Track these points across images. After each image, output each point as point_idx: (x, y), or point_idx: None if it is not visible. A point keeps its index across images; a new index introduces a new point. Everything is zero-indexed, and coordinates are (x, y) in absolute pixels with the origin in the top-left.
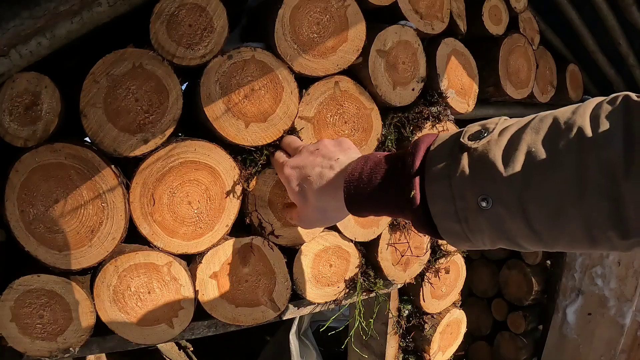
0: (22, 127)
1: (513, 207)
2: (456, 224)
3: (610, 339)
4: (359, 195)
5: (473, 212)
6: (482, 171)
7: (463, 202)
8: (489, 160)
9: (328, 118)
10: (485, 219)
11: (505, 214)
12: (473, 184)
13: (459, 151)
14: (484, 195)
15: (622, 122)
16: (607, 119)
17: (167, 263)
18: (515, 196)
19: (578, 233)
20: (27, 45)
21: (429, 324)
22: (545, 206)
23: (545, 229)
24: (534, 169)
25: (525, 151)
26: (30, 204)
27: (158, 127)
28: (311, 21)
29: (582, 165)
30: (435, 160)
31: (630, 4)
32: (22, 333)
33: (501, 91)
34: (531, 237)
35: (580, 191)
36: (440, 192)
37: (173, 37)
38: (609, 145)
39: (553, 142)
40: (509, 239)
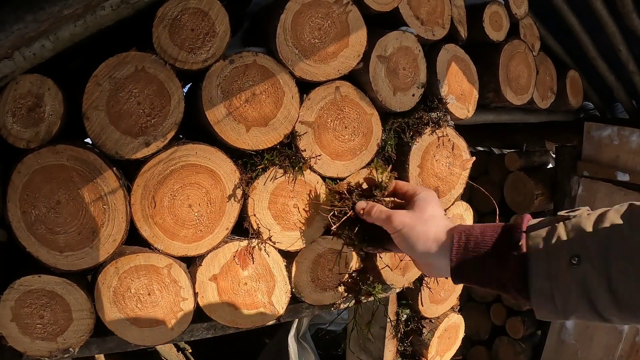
0: (25, 128)
1: (598, 265)
2: (546, 282)
3: (609, 344)
4: (466, 271)
5: (563, 270)
6: (575, 236)
7: (556, 261)
8: (581, 228)
9: (328, 123)
10: (573, 277)
11: (590, 272)
12: (567, 246)
13: (555, 222)
14: (575, 254)
15: None
16: None
17: (167, 265)
18: (600, 254)
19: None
20: (30, 47)
21: (427, 328)
22: (624, 264)
23: (623, 286)
24: (615, 235)
25: (610, 222)
26: (32, 205)
27: (160, 131)
28: (313, 26)
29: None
30: (536, 229)
31: (630, 10)
32: (23, 333)
33: (501, 97)
34: (608, 296)
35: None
36: (539, 254)
37: (175, 41)
38: None
39: (631, 216)
40: (591, 300)
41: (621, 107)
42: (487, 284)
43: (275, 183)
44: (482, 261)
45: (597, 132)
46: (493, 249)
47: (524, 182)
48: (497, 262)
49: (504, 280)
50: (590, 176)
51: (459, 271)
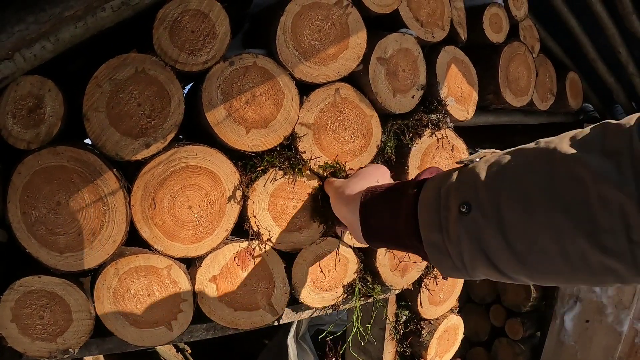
0: (25, 129)
1: (489, 212)
2: (438, 234)
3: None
4: (369, 214)
5: (453, 220)
6: (466, 182)
7: (446, 211)
8: (474, 172)
9: (328, 124)
10: (463, 226)
11: (481, 220)
12: (457, 192)
13: (453, 170)
14: (464, 201)
15: (597, 140)
16: (582, 137)
17: (167, 266)
18: (491, 199)
19: (550, 247)
20: (31, 48)
21: (427, 329)
22: (516, 209)
23: (518, 239)
24: (509, 176)
25: (504, 164)
26: (32, 206)
27: (160, 132)
28: (313, 28)
29: (552, 172)
30: (433, 180)
31: (630, 12)
32: (22, 333)
33: (501, 99)
34: (506, 252)
35: (549, 194)
36: (430, 203)
37: (176, 43)
38: (579, 158)
39: (530, 155)
40: (485, 255)
41: (621, 108)
42: (392, 239)
43: (275, 184)
44: (381, 211)
45: None
46: (390, 198)
47: None
48: (393, 211)
49: (400, 233)
50: None
51: (365, 224)
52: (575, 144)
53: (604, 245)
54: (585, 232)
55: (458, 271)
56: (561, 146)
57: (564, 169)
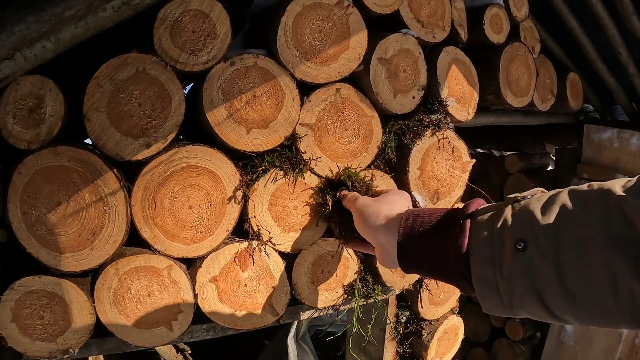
0: (25, 129)
1: (546, 250)
2: (490, 270)
3: (608, 346)
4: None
5: (508, 257)
6: (522, 220)
7: (500, 248)
8: (529, 210)
9: (329, 125)
10: (519, 263)
11: (538, 258)
12: (513, 230)
13: (504, 205)
14: (520, 239)
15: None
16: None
17: (168, 266)
18: (549, 239)
19: (603, 284)
20: (32, 48)
21: (427, 330)
22: (574, 249)
23: (573, 277)
24: (566, 218)
25: (561, 204)
26: (32, 206)
27: (160, 132)
28: (313, 29)
29: (608, 216)
30: (483, 212)
31: (630, 13)
32: (22, 333)
33: (501, 99)
34: (559, 289)
35: (606, 237)
36: (482, 239)
37: (176, 43)
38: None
39: (586, 197)
40: (538, 294)
41: (621, 109)
42: (433, 268)
43: (275, 185)
44: (426, 240)
45: (597, 135)
46: (437, 228)
47: (524, 185)
48: (441, 241)
49: (447, 263)
50: (590, 178)
51: (404, 251)
52: (626, 190)
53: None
54: (637, 273)
55: (502, 308)
56: (615, 189)
57: (619, 213)
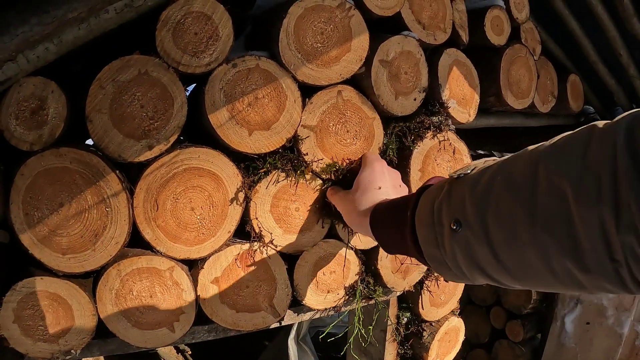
0: (28, 131)
1: (477, 230)
2: (436, 249)
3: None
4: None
5: (447, 237)
6: (455, 196)
7: (440, 227)
8: (463, 188)
9: (330, 127)
10: (456, 243)
11: (471, 237)
12: (448, 209)
13: (445, 182)
14: (455, 218)
15: (580, 150)
16: (567, 146)
17: (170, 268)
18: (478, 217)
19: (537, 263)
20: (34, 50)
21: (428, 331)
22: (502, 229)
23: (507, 257)
24: (495, 193)
25: (492, 178)
26: (35, 207)
27: (163, 134)
28: (315, 31)
29: (535, 190)
30: (428, 192)
31: (631, 15)
32: (24, 334)
33: (502, 101)
34: (498, 267)
35: (532, 215)
36: (424, 220)
37: (179, 45)
38: (563, 173)
39: (515, 168)
40: (481, 269)
41: (622, 111)
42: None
43: (277, 186)
44: (390, 232)
45: None
46: (393, 218)
47: None
48: (397, 230)
49: (408, 249)
50: None
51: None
52: (559, 151)
53: (587, 265)
54: (569, 252)
55: (460, 279)
56: (545, 156)
57: (547, 184)
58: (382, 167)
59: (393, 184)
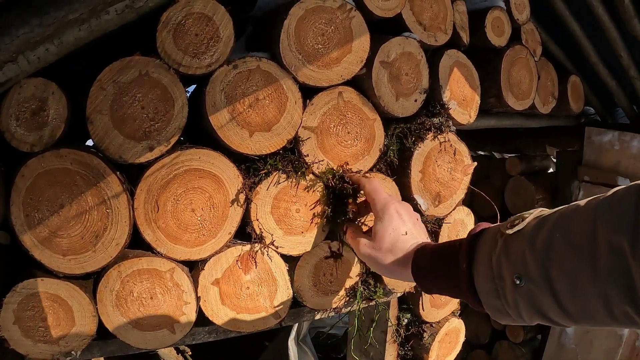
0: (28, 132)
1: (541, 285)
2: (497, 300)
3: (609, 349)
4: (423, 269)
5: (510, 290)
6: (515, 252)
7: (501, 280)
8: (521, 245)
9: (331, 128)
10: (520, 296)
11: (536, 291)
12: (508, 264)
13: (499, 237)
14: (517, 274)
15: (632, 208)
16: (620, 205)
17: (170, 269)
18: (542, 275)
19: (599, 309)
20: (35, 51)
21: (428, 332)
22: (567, 284)
23: (571, 306)
24: (556, 251)
25: (550, 235)
26: (35, 208)
27: (163, 135)
28: (316, 32)
29: (595, 247)
30: (481, 244)
31: (632, 16)
32: (25, 336)
33: (503, 102)
34: (561, 314)
35: (595, 270)
36: (483, 272)
37: (179, 46)
38: (619, 229)
39: (573, 226)
40: (543, 315)
41: (622, 112)
42: (450, 294)
43: (278, 188)
44: (435, 280)
45: (598, 137)
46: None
47: (525, 187)
48: (444, 279)
49: (461, 294)
50: (590, 181)
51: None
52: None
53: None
54: (629, 300)
55: (517, 323)
56: (602, 213)
57: (606, 241)
58: (395, 208)
59: (412, 221)
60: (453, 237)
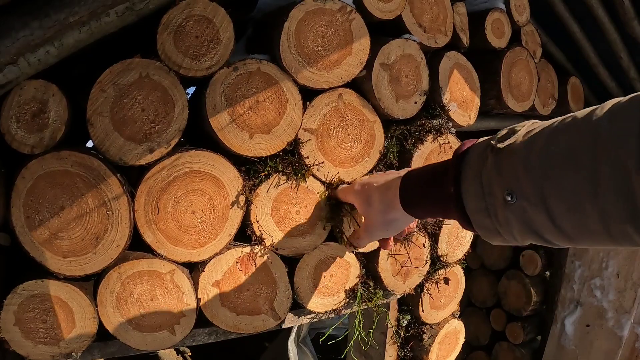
0: (29, 134)
1: (535, 202)
2: (487, 219)
3: (609, 350)
4: (410, 195)
5: (501, 207)
6: (507, 168)
7: (492, 197)
8: (513, 159)
9: (331, 130)
10: (512, 213)
11: (529, 208)
12: (499, 180)
13: (489, 152)
14: (509, 190)
15: (636, 122)
16: (622, 119)
17: (170, 271)
18: (536, 191)
19: (597, 228)
20: (35, 53)
21: (428, 334)
22: (564, 201)
23: (567, 224)
24: (553, 166)
25: (546, 150)
26: (36, 210)
27: (164, 137)
28: (316, 34)
29: (596, 163)
30: (469, 161)
31: (632, 18)
32: (25, 337)
33: (503, 104)
34: (556, 232)
35: (595, 187)
36: (473, 190)
37: (180, 48)
38: (622, 143)
39: (571, 140)
40: (536, 234)
41: None
42: (435, 213)
43: (278, 190)
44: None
45: None
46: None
47: None
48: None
49: (448, 211)
50: None
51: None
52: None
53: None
54: (630, 218)
55: (508, 243)
56: (604, 127)
57: (607, 156)
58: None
59: (380, 175)
60: (453, 239)
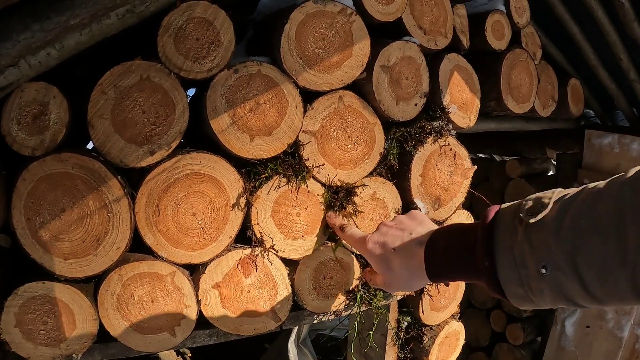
0: (30, 136)
1: (568, 272)
2: (520, 288)
3: (609, 351)
4: (438, 267)
5: (534, 278)
6: (539, 242)
7: (525, 269)
8: (543, 233)
9: (332, 132)
10: (546, 284)
11: (563, 279)
12: (532, 252)
13: (518, 224)
14: (543, 263)
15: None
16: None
17: (171, 273)
18: (569, 263)
19: (627, 291)
20: (36, 55)
21: (428, 335)
22: (595, 271)
23: (598, 290)
24: (582, 237)
25: (574, 223)
26: (36, 212)
27: (164, 139)
28: (317, 36)
29: (623, 232)
30: (499, 234)
31: (631, 19)
32: (26, 339)
33: (503, 106)
34: (588, 298)
35: (623, 255)
36: (506, 263)
37: (180, 51)
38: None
39: (597, 211)
40: (568, 300)
41: (622, 115)
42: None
43: (278, 192)
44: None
45: (598, 140)
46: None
47: (525, 189)
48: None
49: (479, 277)
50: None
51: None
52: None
53: None
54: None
55: (539, 307)
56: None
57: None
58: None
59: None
60: None
